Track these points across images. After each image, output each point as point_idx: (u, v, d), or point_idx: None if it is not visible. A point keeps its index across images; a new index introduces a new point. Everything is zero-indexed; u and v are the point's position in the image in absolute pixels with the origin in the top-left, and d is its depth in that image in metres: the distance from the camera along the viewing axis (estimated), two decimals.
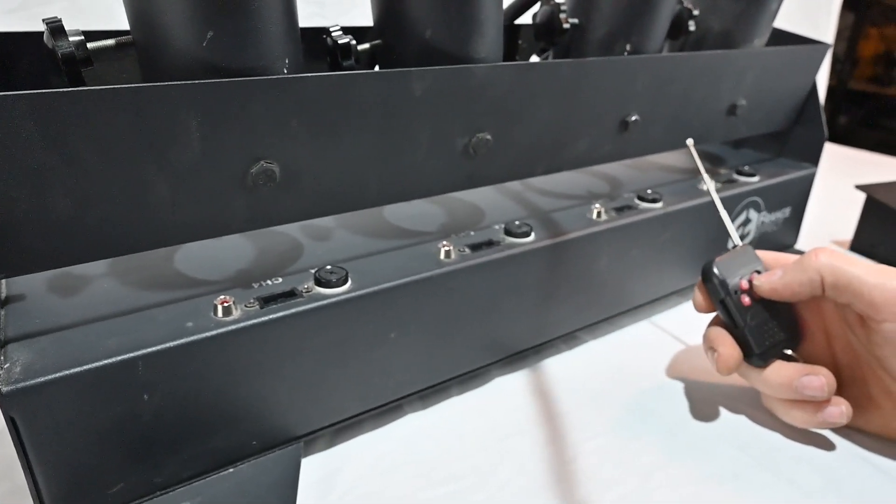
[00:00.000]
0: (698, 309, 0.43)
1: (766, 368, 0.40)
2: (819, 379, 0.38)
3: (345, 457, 0.39)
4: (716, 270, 0.41)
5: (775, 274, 0.41)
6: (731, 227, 0.44)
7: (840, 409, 0.39)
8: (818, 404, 0.39)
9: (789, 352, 0.43)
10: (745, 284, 0.41)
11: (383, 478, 0.38)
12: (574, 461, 0.39)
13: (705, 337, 0.43)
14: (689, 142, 0.48)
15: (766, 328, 0.41)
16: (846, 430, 0.42)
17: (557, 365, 0.49)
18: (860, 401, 0.40)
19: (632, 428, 0.42)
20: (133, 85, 0.28)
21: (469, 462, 0.39)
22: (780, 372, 0.40)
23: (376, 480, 0.37)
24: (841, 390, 0.41)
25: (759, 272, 0.42)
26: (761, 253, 0.44)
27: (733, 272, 0.41)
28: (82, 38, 0.30)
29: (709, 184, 0.46)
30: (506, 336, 0.46)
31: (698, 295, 0.43)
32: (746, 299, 0.41)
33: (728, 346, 0.41)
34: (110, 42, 0.31)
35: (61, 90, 0.26)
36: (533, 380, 0.47)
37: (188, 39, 0.29)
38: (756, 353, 0.40)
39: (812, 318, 0.43)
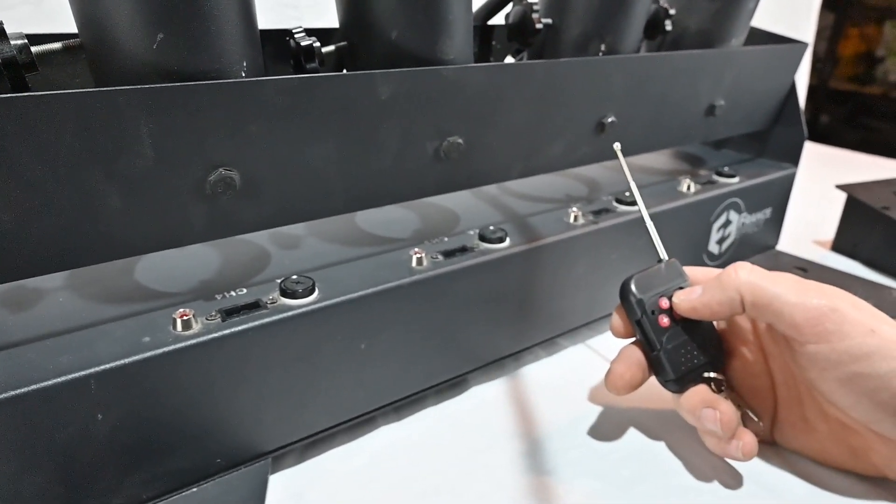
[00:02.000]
0: (615, 333, 0.40)
1: (683, 394, 0.38)
2: (713, 413, 0.36)
3: (315, 473, 0.38)
4: (633, 288, 0.38)
5: (694, 291, 0.38)
6: (656, 239, 0.40)
7: (737, 444, 0.36)
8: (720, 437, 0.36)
9: (712, 375, 0.38)
10: (664, 303, 0.38)
11: (356, 494, 0.36)
12: (553, 472, 0.38)
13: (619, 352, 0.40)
14: (616, 146, 0.44)
15: (686, 351, 0.38)
16: (788, 453, 0.39)
17: (537, 372, 0.48)
18: (796, 423, 0.38)
19: (612, 437, 0.41)
20: (78, 90, 0.26)
21: (445, 476, 0.38)
22: (690, 399, 0.37)
23: (348, 497, 0.36)
24: (778, 411, 0.39)
25: (682, 289, 0.39)
26: (689, 269, 0.41)
27: (653, 289, 0.38)
28: (25, 41, 0.28)
29: (635, 192, 0.42)
30: (483, 344, 0.45)
31: (615, 317, 0.40)
32: (665, 319, 0.38)
33: (622, 364, 0.38)
34: (56, 46, 0.30)
35: (0, 96, 0.25)
36: (512, 387, 0.46)
37: (137, 42, 0.28)
38: (671, 379, 0.37)
39: (747, 336, 0.40)
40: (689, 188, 0.56)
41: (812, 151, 1.15)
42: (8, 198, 0.26)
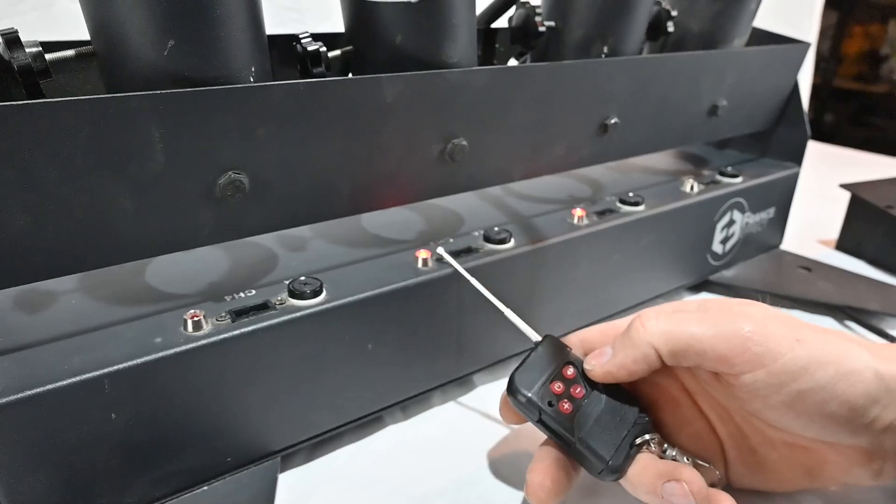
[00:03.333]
0: (506, 421, 0.38)
1: (627, 475, 0.33)
2: (681, 486, 0.31)
3: (323, 472, 0.39)
4: (519, 388, 0.33)
5: (604, 355, 0.34)
6: (521, 325, 0.37)
7: (684, 493, 0.31)
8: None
9: (648, 437, 0.34)
10: (557, 387, 0.34)
11: (363, 493, 0.37)
12: None
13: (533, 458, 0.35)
14: (440, 250, 0.40)
15: (605, 425, 0.33)
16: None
17: None
18: (746, 458, 0.35)
19: None
20: (91, 96, 0.27)
21: (451, 474, 0.38)
22: (643, 478, 0.32)
23: (356, 495, 0.37)
24: (725, 451, 0.36)
25: (571, 363, 0.35)
26: (585, 332, 0.38)
27: (539, 380, 0.34)
28: (40, 49, 0.29)
29: (483, 291, 0.39)
30: (488, 343, 0.45)
31: (504, 409, 0.37)
32: (566, 405, 0.33)
33: (539, 474, 0.33)
34: (70, 53, 0.31)
35: (17, 103, 0.26)
36: None
37: (149, 48, 0.29)
38: (604, 467, 0.32)
39: (667, 384, 0.36)
40: (692, 188, 0.56)
41: (816, 151, 1.15)
42: (24, 202, 0.27)
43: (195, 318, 0.33)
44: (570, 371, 0.35)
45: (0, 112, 0.25)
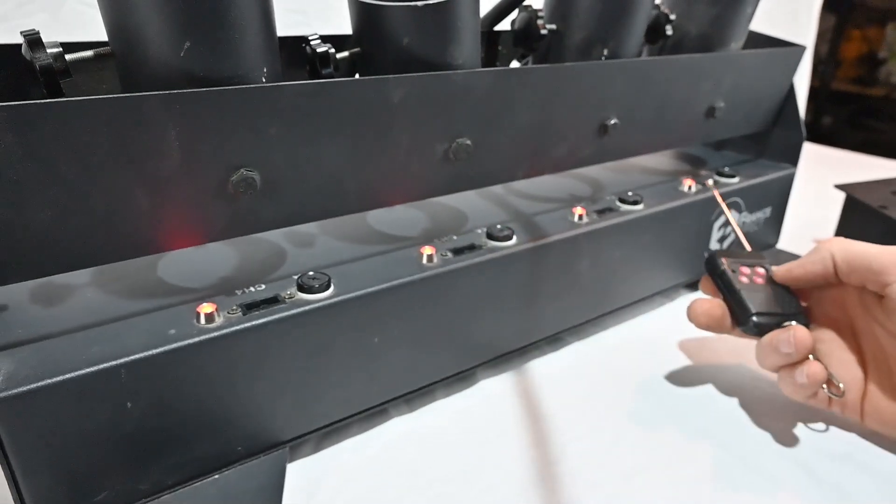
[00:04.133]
0: (703, 291, 0.47)
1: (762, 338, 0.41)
2: (788, 333, 0.39)
3: (330, 462, 0.40)
4: (716, 251, 0.46)
5: (792, 263, 0.43)
6: (742, 237, 0.50)
7: (803, 370, 0.39)
8: (793, 366, 0.40)
9: (793, 323, 0.41)
10: (745, 270, 0.44)
11: (369, 482, 0.38)
12: (558, 463, 0.39)
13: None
14: (710, 182, 0.55)
15: (766, 300, 0.42)
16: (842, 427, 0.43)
17: (542, 367, 0.50)
18: (887, 391, 0.40)
19: (615, 429, 0.43)
20: (111, 95, 0.28)
21: (455, 465, 0.39)
22: (768, 337, 0.41)
23: (362, 485, 0.38)
24: (868, 383, 0.41)
25: (765, 269, 0.45)
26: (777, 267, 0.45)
27: (736, 259, 0.45)
28: (60, 50, 0.30)
29: (719, 198, 0.54)
30: (490, 339, 0.46)
31: (704, 280, 0.47)
32: (744, 278, 0.43)
33: (703, 303, 0.44)
34: (89, 53, 0.32)
35: (40, 101, 0.27)
36: (518, 382, 0.48)
37: (166, 50, 0.30)
38: (751, 315, 0.41)
39: (838, 315, 0.43)
40: (690, 188, 0.57)
41: (814, 153, 1.16)
42: (46, 197, 0.28)
43: (207, 311, 0.34)
44: (761, 270, 0.45)
45: (24, 110, 0.26)
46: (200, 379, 0.33)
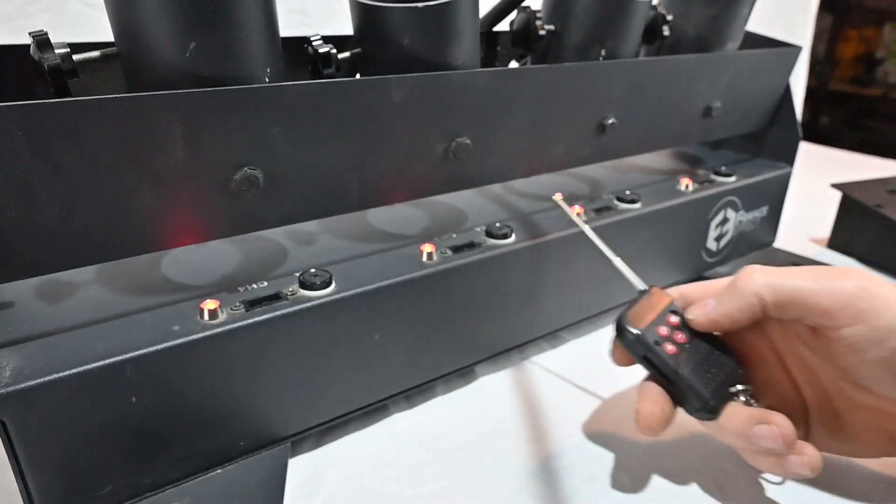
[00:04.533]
0: (617, 364, 0.39)
1: (720, 417, 0.35)
2: (771, 430, 0.33)
3: (331, 457, 0.40)
4: (628, 326, 0.36)
5: (708, 304, 0.37)
6: (629, 274, 0.40)
7: (802, 460, 0.33)
8: (779, 454, 0.34)
9: (741, 387, 0.36)
10: (663, 331, 0.37)
11: (370, 477, 0.38)
12: (557, 458, 0.40)
13: (637, 391, 0.38)
14: (557, 197, 0.45)
15: (705, 370, 0.36)
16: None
17: (541, 363, 0.50)
18: (828, 421, 0.37)
19: (613, 424, 0.43)
20: (118, 95, 0.28)
21: (455, 460, 0.40)
22: (733, 421, 0.35)
23: (363, 480, 0.38)
24: (808, 414, 0.37)
25: (675, 312, 0.38)
26: (685, 288, 0.40)
27: (647, 322, 0.37)
28: (68, 50, 0.31)
29: (591, 234, 0.43)
30: (489, 335, 0.47)
31: (616, 351, 0.39)
32: (670, 347, 0.36)
33: (649, 402, 0.36)
34: (95, 54, 0.32)
35: (48, 101, 0.27)
36: (517, 378, 0.48)
37: (171, 50, 0.30)
38: (702, 406, 0.35)
39: (758, 342, 0.38)
40: (687, 187, 0.58)
41: (812, 153, 1.17)
42: (52, 195, 0.29)
43: (211, 308, 0.34)
44: (674, 319, 0.38)
45: (33, 110, 0.27)
46: (204, 374, 0.34)
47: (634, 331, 0.36)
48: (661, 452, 0.40)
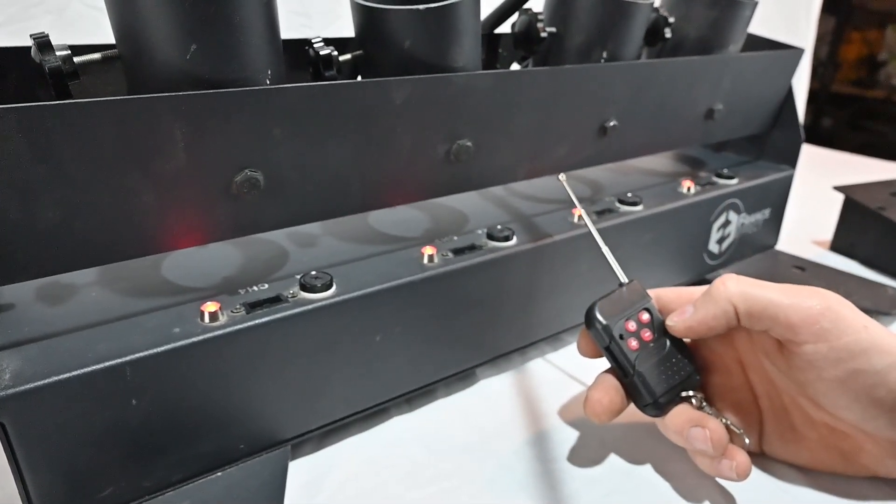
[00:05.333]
0: (582, 354, 0.40)
1: (666, 415, 0.37)
2: (704, 433, 0.35)
3: (332, 460, 0.40)
4: (598, 315, 0.37)
5: (686, 311, 0.38)
6: (614, 263, 0.40)
7: (731, 464, 0.35)
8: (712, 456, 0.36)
9: (691, 393, 0.38)
10: (631, 326, 0.38)
11: (370, 479, 0.38)
12: (558, 460, 0.40)
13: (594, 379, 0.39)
14: (562, 177, 0.45)
15: (660, 371, 0.37)
16: (777, 463, 0.39)
17: (541, 366, 0.50)
18: (784, 433, 0.38)
19: (614, 427, 0.43)
20: (119, 97, 0.28)
21: (455, 462, 0.40)
22: (675, 420, 0.37)
23: (363, 482, 0.38)
24: (763, 423, 0.39)
25: (648, 310, 0.39)
26: (662, 290, 0.41)
27: (618, 314, 0.37)
28: (69, 52, 0.31)
29: (586, 218, 0.44)
30: (490, 338, 0.47)
31: (582, 340, 0.40)
32: (634, 343, 0.37)
33: (599, 391, 0.37)
34: (96, 56, 0.32)
35: (49, 103, 0.27)
36: (518, 381, 0.48)
37: (172, 52, 0.30)
38: (649, 403, 0.37)
39: (724, 351, 0.40)
40: (689, 189, 0.58)
41: (814, 155, 1.17)
42: (53, 197, 0.29)
43: (211, 310, 0.34)
44: (646, 317, 0.39)
45: (34, 112, 0.27)
46: (204, 377, 0.34)
47: (602, 320, 0.37)
48: (664, 456, 0.40)
